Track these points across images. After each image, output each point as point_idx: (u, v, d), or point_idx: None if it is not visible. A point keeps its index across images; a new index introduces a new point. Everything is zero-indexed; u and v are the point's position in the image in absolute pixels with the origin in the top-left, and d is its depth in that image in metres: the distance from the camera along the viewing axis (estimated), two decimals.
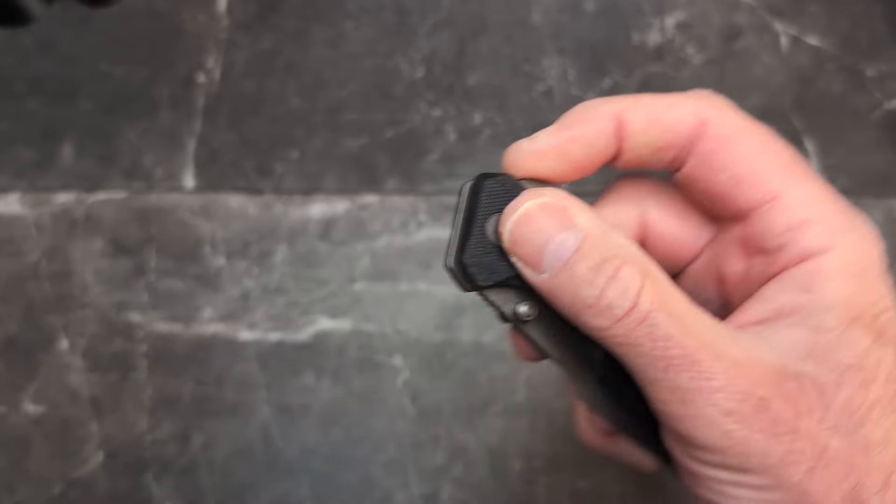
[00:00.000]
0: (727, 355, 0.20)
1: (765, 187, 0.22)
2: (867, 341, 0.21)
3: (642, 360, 0.20)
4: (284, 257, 0.45)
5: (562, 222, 0.21)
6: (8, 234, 0.46)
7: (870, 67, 0.49)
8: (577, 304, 0.21)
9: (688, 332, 0.20)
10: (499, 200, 0.23)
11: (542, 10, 0.50)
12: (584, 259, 0.21)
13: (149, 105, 0.48)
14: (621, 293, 0.20)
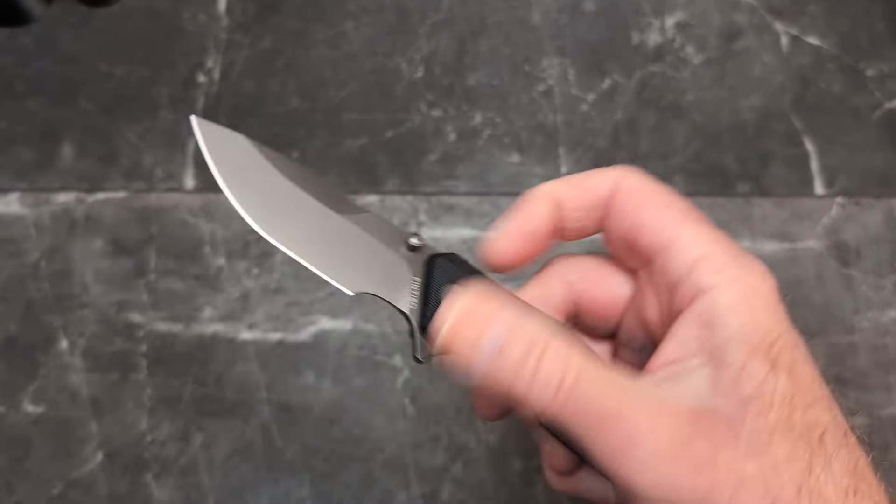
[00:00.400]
0: (647, 407, 0.23)
1: (663, 231, 0.25)
2: (764, 370, 0.23)
3: (577, 429, 0.23)
4: (284, 257, 0.45)
5: (485, 321, 0.24)
6: (8, 234, 0.46)
7: (870, 67, 0.49)
8: (513, 393, 0.23)
9: (610, 396, 0.23)
10: (452, 273, 0.27)
11: (542, 10, 0.50)
12: (510, 353, 0.23)
13: (149, 105, 0.48)
14: (548, 377, 0.23)
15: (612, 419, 0.22)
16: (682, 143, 0.47)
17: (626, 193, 0.26)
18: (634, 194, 0.26)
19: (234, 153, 0.27)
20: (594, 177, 0.27)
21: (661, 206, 0.26)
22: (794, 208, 0.46)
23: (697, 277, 0.24)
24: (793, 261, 0.46)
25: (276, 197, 0.27)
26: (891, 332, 0.44)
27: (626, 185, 0.26)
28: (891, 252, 0.46)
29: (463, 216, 0.46)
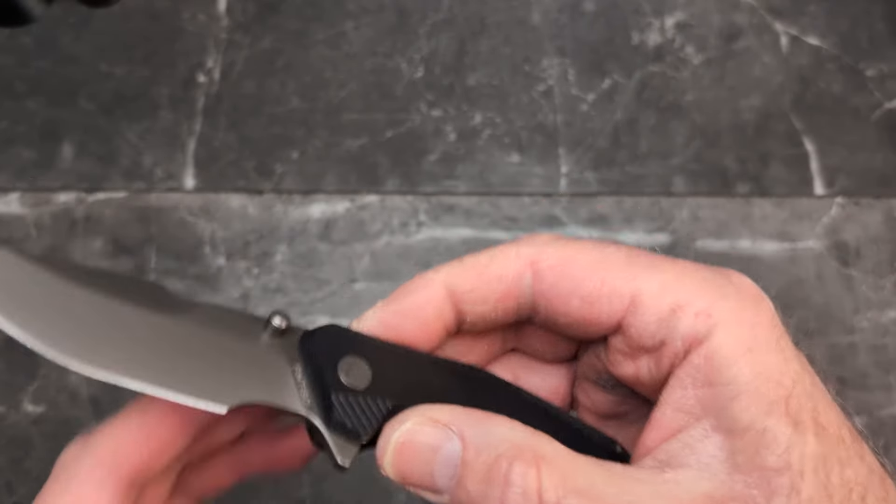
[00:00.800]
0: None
1: (619, 294, 0.21)
2: (787, 433, 0.19)
3: None
4: (284, 257, 0.45)
5: (434, 437, 0.20)
6: (8, 234, 0.46)
7: (870, 67, 0.49)
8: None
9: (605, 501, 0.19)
10: (336, 348, 0.21)
11: (542, 10, 0.50)
12: (471, 474, 0.19)
13: (149, 105, 0.48)
14: (522, 498, 0.19)
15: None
16: (682, 143, 0.47)
17: (551, 271, 0.22)
18: (565, 269, 0.22)
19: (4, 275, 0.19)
20: (497, 262, 0.22)
21: (602, 269, 0.21)
22: (794, 208, 0.46)
23: (682, 329, 0.20)
24: (793, 261, 0.46)
25: (82, 314, 0.20)
26: (891, 332, 0.44)
27: (546, 262, 0.22)
28: (891, 252, 0.46)
29: (463, 216, 0.46)
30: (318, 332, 0.22)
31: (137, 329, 0.20)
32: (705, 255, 0.46)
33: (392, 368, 0.21)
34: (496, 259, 0.22)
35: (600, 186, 0.47)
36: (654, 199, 0.47)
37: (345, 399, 0.20)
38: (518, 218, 0.46)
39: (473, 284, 0.22)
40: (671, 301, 0.21)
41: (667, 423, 0.21)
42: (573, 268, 0.22)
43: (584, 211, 0.46)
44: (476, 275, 0.22)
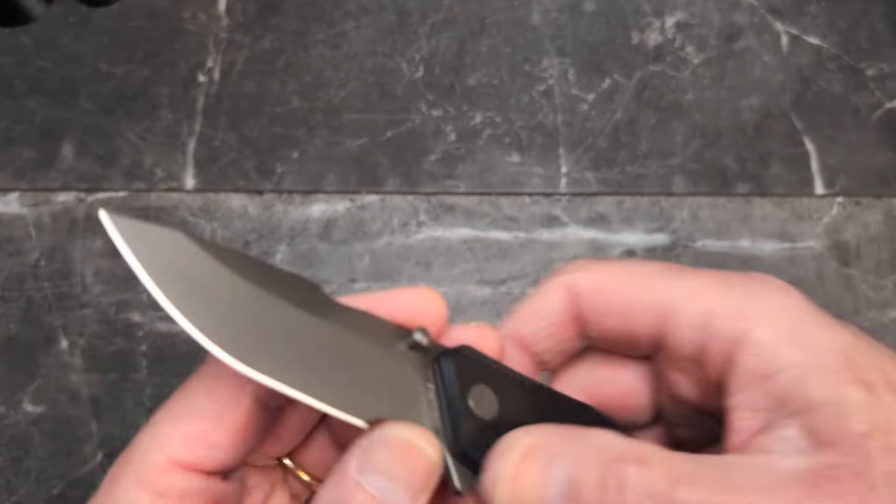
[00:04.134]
0: (757, 487, 0.19)
1: (651, 307, 0.22)
2: (862, 395, 0.19)
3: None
4: (285, 257, 0.45)
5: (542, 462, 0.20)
6: (8, 234, 0.46)
7: (870, 67, 0.49)
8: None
9: (711, 489, 0.19)
10: (470, 375, 0.21)
11: (542, 10, 0.50)
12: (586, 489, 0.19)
13: (149, 105, 0.48)
14: (639, 496, 0.19)
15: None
16: (682, 143, 0.47)
17: (588, 294, 0.23)
18: (597, 289, 0.23)
19: (174, 260, 0.20)
20: (544, 299, 0.23)
21: (633, 283, 0.23)
22: (794, 208, 0.46)
23: (720, 332, 0.21)
24: (793, 261, 0.46)
25: (245, 311, 0.20)
26: (891, 332, 0.44)
27: (582, 286, 0.23)
28: (891, 252, 0.46)
29: (463, 216, 0.46)
30: (454, 355, 0.22)
31: (297, 331, 0.20)
32: (705, 255, 0.46)
33: (517, 400, 0.22)
34: (543, 297, 0.23)
35: (600, 186, 0.47)
36: (654, 199, 0.47)
37: (472, 428, 0.21)
38: (518, 218, 0.46)
39: (533, 329, 0.23)
40: (702, 308, 0.21)
41: (744, 427, 0.21)
42: (607, 288, 0.23)
43: (584, 211, 0.46)
44: (534, 319, 0.23)
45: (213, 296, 0.19)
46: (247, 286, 0.20)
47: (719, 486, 0.19)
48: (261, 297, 0.20)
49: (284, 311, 0.20)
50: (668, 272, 0.23)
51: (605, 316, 0.23)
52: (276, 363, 0.19)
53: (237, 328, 0.19)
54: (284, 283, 0.21)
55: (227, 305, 0.19)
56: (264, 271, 0.21)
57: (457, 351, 0.22)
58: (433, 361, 0.22)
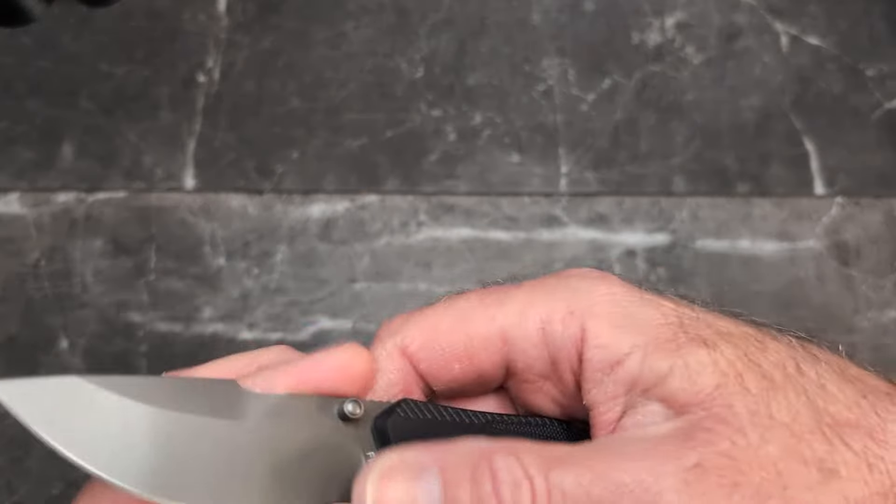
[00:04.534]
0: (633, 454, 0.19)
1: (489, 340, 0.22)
2: (702, 353, 0.20)
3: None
4: (284, 257, 0.45)
5: (410, 477, 0.19)
6: (8, 234, 0.46)
7: (870, 67, 0.49)
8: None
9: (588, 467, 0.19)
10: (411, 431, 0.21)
11: (542, 10, 0.50)
12: (459, 488, 0.19)
13: (149, 105, 0.48)
14: (512, 485, 0.19)
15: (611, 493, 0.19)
16: (682, 143, 0.47)
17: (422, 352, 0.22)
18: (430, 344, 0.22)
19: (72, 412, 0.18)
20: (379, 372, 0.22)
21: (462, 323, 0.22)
22: (794, 208, 0.46)
23: (560, 339, 0.22)
24: (793, 261, 0.46)
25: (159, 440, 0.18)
26: (891, 332, 0.44)
27: (412, 346, 0.22)
28: (891, 252, 0.46)
29: (463, 216, 0.46)
30: (388, 419, 0.21)
31: (216, 446, 0.19)
32: (705, 254, 0.46)
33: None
34: (379, 371, 0.22)
35: (600, 186, 0.47)
36: (654, 199, 0.47)
37: None
38: (518, 218, 0.46)
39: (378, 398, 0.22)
40: (535, 322, 0.22)
41: (607, 419, 0.21)
42: (438, 338, 0.22)
43: (584, 211, 0.46)
44: (371, 391, 0.22)
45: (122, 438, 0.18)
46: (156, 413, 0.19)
47: (594, 462, 0.19)
48: (174, 420, 0.19)
49: (193, 425, 0.19)
50: (491, 298, 0.22)
51: (447, 367, 0.22)
52: (202, 488, 0.18)
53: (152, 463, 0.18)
54: (197, 395, 0.19)
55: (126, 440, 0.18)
56: (173, 388, 0.19)
57: (391, 412, 0.21)
58: (371, 429, 0.21)
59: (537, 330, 0.22)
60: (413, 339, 0.22)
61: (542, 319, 0.22)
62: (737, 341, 0.21)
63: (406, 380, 0.22)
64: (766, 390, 0.20)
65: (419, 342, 0.22)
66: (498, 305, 0.22)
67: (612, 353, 0.21)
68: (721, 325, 0.21)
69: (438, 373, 0.22)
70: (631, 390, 0.21)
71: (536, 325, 0.22)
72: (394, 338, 0.22)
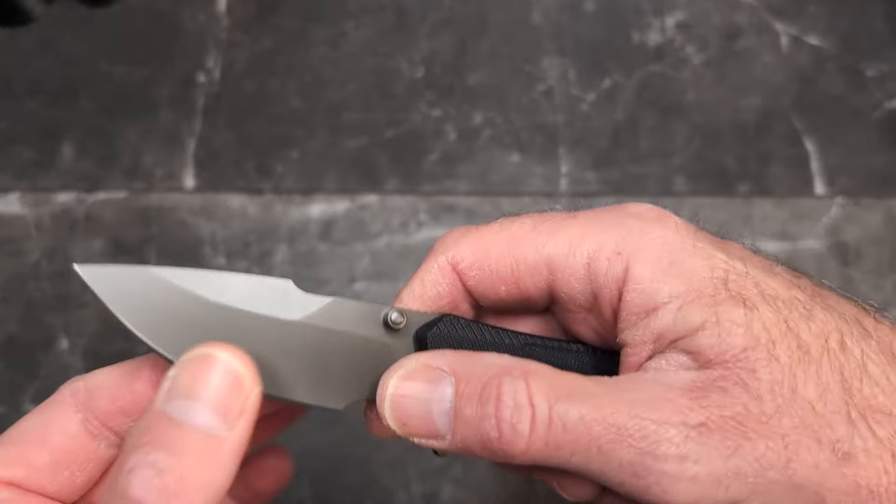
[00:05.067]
0: (646, 399, 0.20)
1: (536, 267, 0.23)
2: (739, 313, 0.20)
3: (576, 458, 0.19)
4: (284, 257, 0.45)
5: (428, 380, 0.21)
6: (8, 234, 0.46)
7: (870, 67, 0.49)
8: (487, 445, 0.20)
9: (594, 405, 0.19)
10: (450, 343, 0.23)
11: (542, 10, 0.50)
12: (465, 401, 0.20)
13: (149, 105, 0.48)
14: (514, 408, 0.19)
15: (611, 432, 0.19)
16: (683, 143, 0.47)
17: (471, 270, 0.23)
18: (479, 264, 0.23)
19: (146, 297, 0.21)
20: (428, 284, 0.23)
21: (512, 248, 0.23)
22: (794, 208, 0.46)
23: (602, 277, 0.22)
24: (793, 261, 0.46)
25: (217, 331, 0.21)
26: None
27: (463, 264, 0.23)
28: (891, 252, 0.46)
29: (463, 216, 0.46)
30: (430, 331, 0.23)
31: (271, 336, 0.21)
32: None
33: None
34: (426, 282, 0.23)
35: (600, 186, 0.47)
36: (654, 199, 0.46)
37: None
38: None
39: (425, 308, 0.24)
40: (583, 258, 0.22)
41: (634, 361, 0.22)
42: (488, 259, 0.23)
43: None
44: (421, 303, 0.23)
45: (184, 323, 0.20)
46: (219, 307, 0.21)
47: (603, 401, 0.20)
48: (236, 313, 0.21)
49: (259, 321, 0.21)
50: (545, 226, 0.23)
51: (494, 288, 0.23)
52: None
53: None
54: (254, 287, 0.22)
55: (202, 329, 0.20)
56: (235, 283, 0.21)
57: (432, 325, 0.23)
58: (412, 338, 0.23)
59: (583, 265, 0.22)
60: (464, 257, 0.23)
61: (588, 255, 0.22)
62: (780, 305, 0.20)
63: (454, 293, 0.23)
64: (798, 362, 0.20)
65: (469, 261, 0.23)
66: (549, 235, 0.22)
67: (650, 299, 0.21)
68: (769, 287, 0.21)
69: (485, 291, 0.23)
70: (661, 338, 0.21)
71: (583, 260, 0.22)
72: (447, 253, 0.23)
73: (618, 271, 0.22)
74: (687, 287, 0.21)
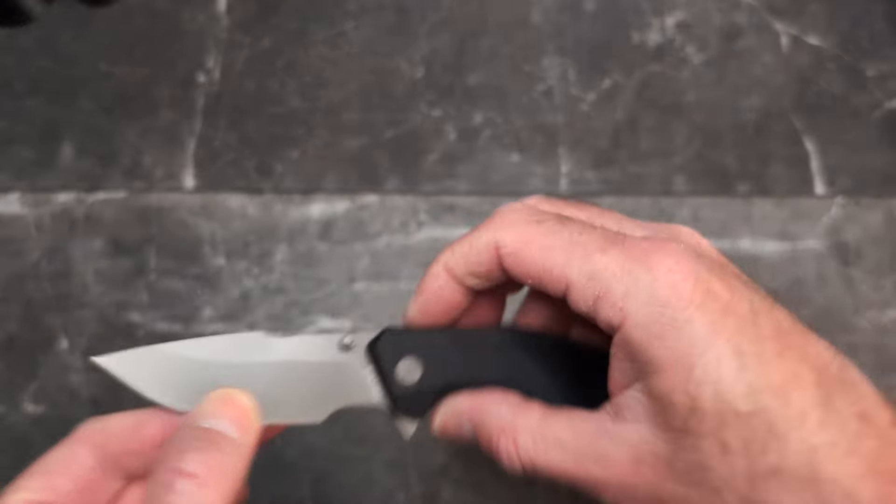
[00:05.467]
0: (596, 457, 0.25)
1: (558, 280, 0.26)
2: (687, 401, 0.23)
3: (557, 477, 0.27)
4: (284, 257, 0.45)
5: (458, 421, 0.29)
6: (8, 234, 0.46)
7: (870, 67, 0.49)
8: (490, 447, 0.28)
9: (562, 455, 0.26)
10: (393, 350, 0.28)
11: (542, 10, 0.50)
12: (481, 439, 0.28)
13: (149, 105, 0.48)
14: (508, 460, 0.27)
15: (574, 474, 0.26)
16: (683, 143, 0.47)
17: (509, 257, 0.27)
18: (516, 255, 0.27)
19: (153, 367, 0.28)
20: (475, 248, 0.28)
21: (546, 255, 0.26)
22: (794, 208, 0.46)
23: (603, 318, 0.25)
24: (793, 261, 0.46)
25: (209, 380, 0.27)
26: (891, 332, 0.44)
27: (505, 249, 0.27)
28: (891, 252, 0.46)
29: (463, 216, 0.46)
30: (378, 342, 0.28)
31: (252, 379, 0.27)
32: None
33: (436, 357, 0.28)
34: (474, 246, 0.28)
35: (601, 186, 0.47)
36: (654, 199, 0.47)
37: (403, 394, 0.28)
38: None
39: (464, 268, 0.28)
40: (592, 293, 0.25)
41: (617, 379, 0.25)
42: (525, 254, 0.26)
43: None
44: (464, 261, 0.28)
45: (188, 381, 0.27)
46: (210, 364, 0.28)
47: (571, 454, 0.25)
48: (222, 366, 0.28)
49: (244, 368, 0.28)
50: (578, 248, 0.25)
51: (523, 276, 0.27)
52: None
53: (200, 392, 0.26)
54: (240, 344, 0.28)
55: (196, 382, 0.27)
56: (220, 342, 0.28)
57: (378, 338, 0.28)
58: (364, 352, 0.28)
59: (592, 299, 0.25)
60: (506, 244, 0.27)
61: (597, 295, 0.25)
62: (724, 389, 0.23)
63: (492, 265, 0.27)
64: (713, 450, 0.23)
65: (509, 249, 0.27)
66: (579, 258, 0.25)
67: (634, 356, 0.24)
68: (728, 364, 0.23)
69: (516, 276, 0.27)
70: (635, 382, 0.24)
71: (592, 297, 0.25)
72: (494, 233, 0.27)
73: (615, 321, 0.24)
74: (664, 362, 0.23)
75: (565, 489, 0.42)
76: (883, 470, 0.21)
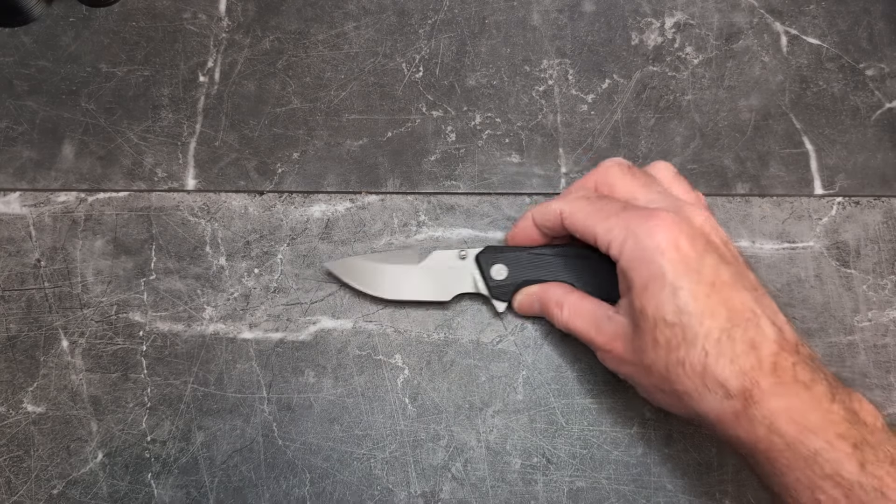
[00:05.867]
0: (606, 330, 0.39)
1: (591, 235, 0.38)
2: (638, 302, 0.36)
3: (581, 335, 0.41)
4: (285, 257, 0.45)
5: (531, 300, 0.43)
6: (8, 234, 0.46)
7: (870, 67, 0.49)
8: (547, 314, 0.43)
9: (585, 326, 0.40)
10: (490, 260, 0.43)
11: (541, 11, 0.50)
12: (544, 308, 0.42)
13: (149, 105, 0.48)
14: (556, 320, 0.42)
15: (586, 335, 0.40)
16: (682, 143, 0.47)
17: (566, 220, 0.40)
18: (571, 219, 0.39)
19: (353, 268, 0.44)
20: (549, 213, 0.40)
21: (586, 220, 0.38)
22: (793, 208, 0.46)
23: (613, 255, 0.37)
24: (792, 261, 0.46)
25: (380, 274, 0.44)
26: (891, 332, 0.44)
27: (564, 215, 0.40)
28: (891, 252, 0.46)
29: (463, 216, 0.46)
30: (481, 255, 0.43)
31: (405, 273, 0.44)
32: None
33: (516, 264, 0.43)
34: (548, 209, 0.40)
35: None
36: None
37: (496, 285, 0.43)
38: (518, 218, 0.46)
39: (541, 221, 0.41)
40: (604, 243, 0.37)
41: (620, 288, 0.38)
42: (574, 220, 0.39)
43: None
44: (541, 218, 0.41)
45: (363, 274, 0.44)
46: (380, 265, 0.44)
47: (589, 323, 0.39)
48: (382, 266, 0.44)
49: (396, 266, 0.44)
50: (601, 213, 0.38)
51: (572, 231, 0.40)
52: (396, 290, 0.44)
53: (376, 281, 0.44)
54: (398, 255, 0.44)
55: (373, 275, 0.44)
56: (393, 254, 0.45)
57: (482, 252, 0.43)
58: (474, 260, 0.43)
59: (605, 246, 0.37)
60: (565, 211, 0.40)
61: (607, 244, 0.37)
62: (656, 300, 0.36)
63: (555, 225, 0.40)
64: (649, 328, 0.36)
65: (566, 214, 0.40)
66: (601, 220, 0.37)
67: (624, 278, 0.37)
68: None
69: (571, 232, 0.40)
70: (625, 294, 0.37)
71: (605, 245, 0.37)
72: (560, 204, 0.40)
73: (615, 256, 0.37)
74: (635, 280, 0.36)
75: (564, 488, 0.42)
76: (749, 376, 0.33)
